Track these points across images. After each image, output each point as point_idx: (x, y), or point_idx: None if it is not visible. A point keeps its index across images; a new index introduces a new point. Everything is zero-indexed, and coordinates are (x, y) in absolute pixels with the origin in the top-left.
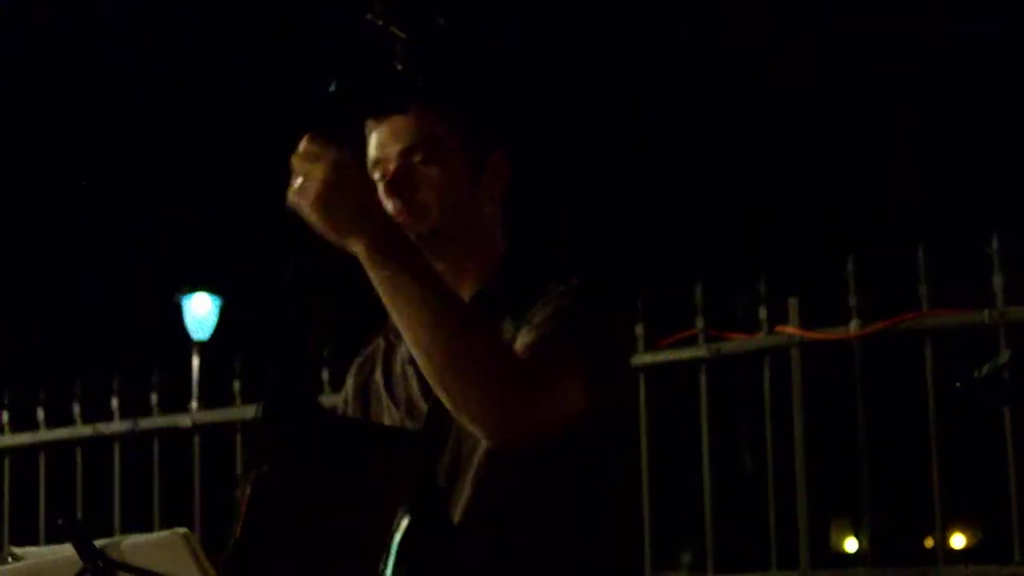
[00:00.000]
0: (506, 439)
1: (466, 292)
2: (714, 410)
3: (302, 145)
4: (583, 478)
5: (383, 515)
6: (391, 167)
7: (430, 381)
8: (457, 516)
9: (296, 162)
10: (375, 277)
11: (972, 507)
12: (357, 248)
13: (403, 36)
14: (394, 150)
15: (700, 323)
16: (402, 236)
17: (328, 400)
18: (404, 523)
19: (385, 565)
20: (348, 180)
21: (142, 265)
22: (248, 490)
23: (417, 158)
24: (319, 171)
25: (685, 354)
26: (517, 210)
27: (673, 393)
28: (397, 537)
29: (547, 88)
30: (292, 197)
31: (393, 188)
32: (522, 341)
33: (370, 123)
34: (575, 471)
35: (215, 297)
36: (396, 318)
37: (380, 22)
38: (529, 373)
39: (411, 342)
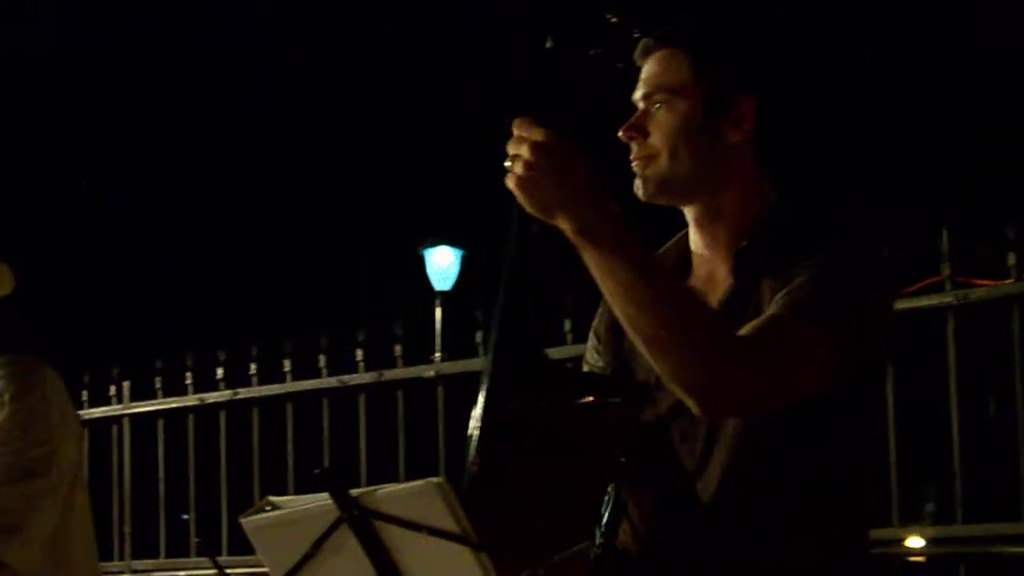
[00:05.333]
0: (719, 414)
1: (724, 244)
2: (961, 359)
3: (513, 128)
4: (836, 438)
5: (601, 466)
6: (637, 112)
7: (644, 354)
8: (715, 475)
9: (508, 146)
10: (583, 255)
11: None
12: (564, 227)
13: None
14: (639, 95)
15: (946, 270)
16: (610, 218)
17: (569, 351)
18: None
19: (602, 515)
20: (552, 163)
21: (385, 219)
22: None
23: (656, 104)
24: (524, 154)
25: (931, 301)
26: (776, 158)
27: (918, 341)
28: (611, 491)
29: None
30: (505, 180)
31: (627, 134)
32: (768, 312)
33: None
34: (827, 433)
35: (457, 249)
36: (607, 296)
37: None
38: (745, 351)
39: (621, 319)
